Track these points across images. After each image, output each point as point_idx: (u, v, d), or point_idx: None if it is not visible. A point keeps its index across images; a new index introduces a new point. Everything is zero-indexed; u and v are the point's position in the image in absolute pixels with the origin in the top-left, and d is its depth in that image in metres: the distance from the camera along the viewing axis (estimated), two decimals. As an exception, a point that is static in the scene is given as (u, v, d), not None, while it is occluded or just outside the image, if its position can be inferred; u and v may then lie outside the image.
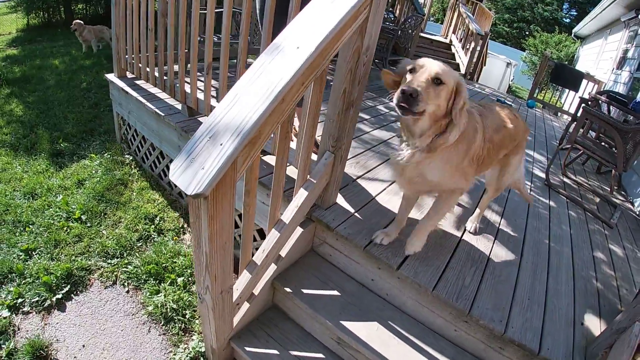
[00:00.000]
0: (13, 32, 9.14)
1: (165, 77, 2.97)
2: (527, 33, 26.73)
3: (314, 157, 2.10)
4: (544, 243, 2.51)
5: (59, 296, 2.22)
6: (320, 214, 2.06)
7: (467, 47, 8.00)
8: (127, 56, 3.42)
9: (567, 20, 29.63)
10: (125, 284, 2.40)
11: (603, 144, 4.41)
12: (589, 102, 4.79)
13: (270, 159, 2.36)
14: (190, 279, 2.45)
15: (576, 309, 2.00)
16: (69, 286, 2.29)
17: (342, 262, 2.08)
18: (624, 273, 2.59)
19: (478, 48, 6.99)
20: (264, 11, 2.08)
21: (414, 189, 1.84)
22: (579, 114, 4.41)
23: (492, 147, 1.80)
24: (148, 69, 3.13)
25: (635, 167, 4.58)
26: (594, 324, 1.95)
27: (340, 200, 2.24)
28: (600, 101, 4.81)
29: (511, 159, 2.13)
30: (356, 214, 2.16)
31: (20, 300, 2.17)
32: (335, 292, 1.93)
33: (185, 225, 2.97)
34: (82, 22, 6.88)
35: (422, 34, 8.50)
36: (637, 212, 3.97)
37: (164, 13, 2.79)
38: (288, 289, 1.89)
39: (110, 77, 3.58)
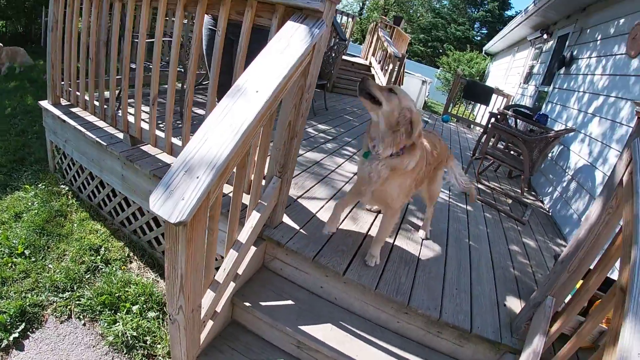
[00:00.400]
0: None
1: (105, 106, 3.08)
2: (441, 51, 29.15)
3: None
4: (464, 242, 2.99)
5: (16, 335, 2.23)
6: (270, 233, 2.33)
7: (386, 68, 8.68)
8: (63, 83, 3.45)
9: (478, 38, 32.81)
10: (81, 316, 2.45)
11: (512, 152, 5.13)
12: (498, 117, 5.51)
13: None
14: (145, 306, 2.56)
15: (498, 294, 2.46)
16: (24, 324, 2.30)
17: (293, 274, 2.36)
18: (537, 261, 3.12)
19: (396, 69, 7.66)
20: (210, 49, 2.33)
21: (373, 200, 2.26)
22: (488, 128, 5.08)
23: (426, 171, 2.28)
24: (87, 98, 3.21)
25: (543, 169, 5.35)
26: (515, 304, 2.40)
27: (286, 219, 2.53)
28: (507, 115, 5.55)
29: (438, 172, 2.64)
30: (301, 230, 2.46)
31: (-25, 342, 2.14)
32: (289, 302, 2.20)
33: (132, 254, 3.05)
34: (1, 44, 6.59)
35: (343, 57, 9.07)
36: (547, 209, 4.67)
37: (107, 42, 2.91)
38: (247, 303, 2.11)
39: (44, 104, 3.57)
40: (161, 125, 3.26)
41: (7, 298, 2.44)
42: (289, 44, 1.69)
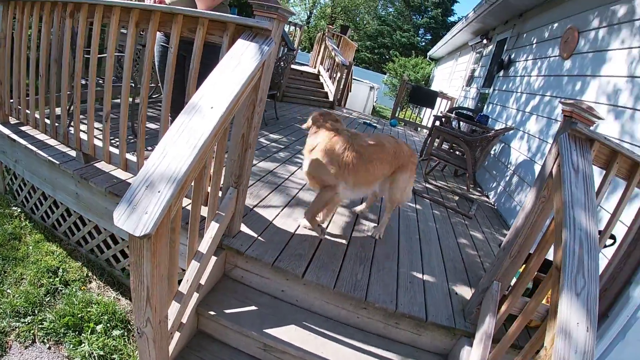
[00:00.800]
0: None
1: (57, 124, 3.02)
2: (387, 58, 29.86)
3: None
4: (415, 238, 3.18)
5: None
6: (230, 242, 2.40)
7: (334, 76, 8.94)
8: (12, 101, 3.36)
9: (423, 43, 33.90)
10: (45, 340, 2.40)
11: (457, 152, 5.41)
12: (442, 119, 5.80)
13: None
14: (109, 324, 2.53)
15: (450, 284, 2.63)
16: None
17: (254, 280, 2.43)
18: (485, 251, 3.34)
19: (344, 77, 7.86)
20: (162, 65, 2.36)
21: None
22: (432, 131, 5.35)
23: (361, 157, 2.52)
24: (37, 116, 3.14)
25: (486, 166, 5.67)
26: (466, 292, 2.58)
27: (244, 228, 2.60)
28: (451, 118, 5.85)
29: (398, 175, 2.77)
30: (259, 237, 2.54)
31: (-62, 376, 2.05)
32: (253, 308, 2.26)
33: (90, 274, 3.01)
34: None
35: (292, 66, 9.21)
36: (492, 203, 4.96)
37: (57, 59, 2.86)
38: (212, 312, 2.16)
39: (-9, 123, 3.45)
40: (113, 142, 3.23)
41: (-33, 327, 2.34)
42: (240, 61, 1.78)
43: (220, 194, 2.36)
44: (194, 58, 2.15)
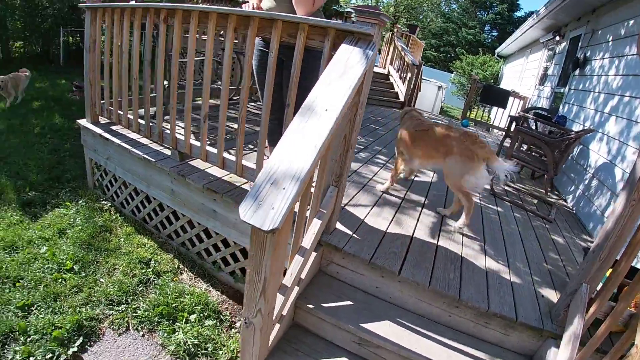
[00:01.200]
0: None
1: (151, 124, 3.29)
2: (453, 56, 29.31)
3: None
4: (500, 240, 3.23)
5: (74, 349, 2.33)
6: (327, 238, 2.56)
7: (404, 76, 8.98)
8: (103, 102, 3.69)
9: (489, 40, 32.98)
10: (139, 328, 2.59)
11: (534, 154, 5.33)
12: (520, 119, 5.73)
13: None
14: (202, 314, 2.73)
15: (535, 286, 2.68)
16: (81, 338, 2.41)
17: (349, 277, 2.58)
18: (567, 256, 3.33)
19: (414, 77, 7.91)
20: (260, 69, 2.56)
21: None
22: (511, 133, 5.29)
23: (412, 137, 3.30)
24: (130, 116, 3.44)
25: (564, 169, 5.54)
26: (552, 295, 2.62)
27: (339, 225, 2.76)
28: (528, 118, 5.77)
29: (447, 158, 3.01)
30: (354, 235, 2.69)
31: (31, 359, 2.22)
32: (348, 303, 2.41)
33: (181, 266, 3.26)
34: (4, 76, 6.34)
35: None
36: (570, 207, 4.86)
37: (151, 61, 3.12)
38: (310, 305, 2.32)
39: (83, 122, 3.80)
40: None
41: (61, 313, 2.54)
42: (347, 66, 1.91)
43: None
44: (295, 62, 2.31)
